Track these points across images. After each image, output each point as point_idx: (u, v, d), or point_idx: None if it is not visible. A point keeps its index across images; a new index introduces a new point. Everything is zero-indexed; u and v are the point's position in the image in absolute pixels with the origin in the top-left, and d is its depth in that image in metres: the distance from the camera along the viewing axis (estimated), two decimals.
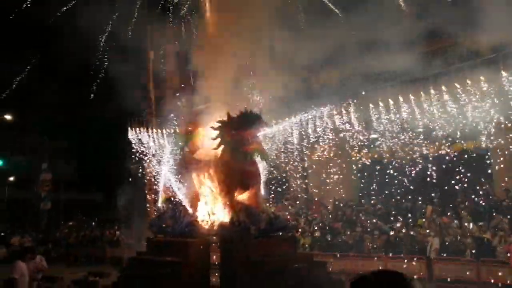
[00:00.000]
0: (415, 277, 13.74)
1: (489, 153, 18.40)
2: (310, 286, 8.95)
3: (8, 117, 36.46)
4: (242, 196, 9.74)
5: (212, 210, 9.94)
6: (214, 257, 10.59)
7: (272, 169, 16.25)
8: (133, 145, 25.78)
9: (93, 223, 31.55)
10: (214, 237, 9.87)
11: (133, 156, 25.21)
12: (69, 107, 35.71)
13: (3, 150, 41.57)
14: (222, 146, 9.68)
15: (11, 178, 43.63)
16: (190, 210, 9.97)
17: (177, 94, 11.68)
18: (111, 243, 24.13)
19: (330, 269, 11.68)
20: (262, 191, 10.24)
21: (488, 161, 18.56)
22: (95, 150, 37.72)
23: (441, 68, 18.46)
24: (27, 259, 9.66)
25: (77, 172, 45.12)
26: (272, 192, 18.81)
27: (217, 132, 9.69)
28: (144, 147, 24.99)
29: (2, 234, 29.43)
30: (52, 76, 37.63)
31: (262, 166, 10.08)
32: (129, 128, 26.00)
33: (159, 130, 22.74)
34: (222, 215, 9.67)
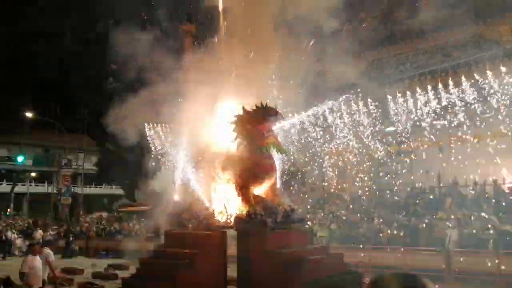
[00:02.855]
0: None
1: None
2: (326, 277, 8.96)
3: (29, 114, 37.05)
4: (259, 190, 9.76)
5: (228, 203, 9.98)
6: (231, 249, 10.63)
7: (289, 162, 16.25)
8: (150, 139, 26.00)
9: (113, 217, 31.95)
10: (231, 230, 9.91)
11: (151, 150, 25.43)
12: (89, 104, 36.16)
13: (25, 146, 42.37)
14: (238, 140, 9.70)
15: (33, 174, 44.40)
16: (207, 203, 10.04)
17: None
18: (130, 236, 24.41)
19: (347, 262, 11.64)
20: (278, 184, 10.26)
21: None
22: (114, 144, 38.13)
23: (461, 59, 18.26)
24: (35, 253, 10.01)
25: (97, 166, 45.72)
26: (289, 185, 18.83)
27: (233, 126, 9.71)
28: (162, 141, 25.18)
29: (25, 228, 29.99)
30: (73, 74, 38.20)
31: (278, 160, 10.09)
32: (145, 123, 26.20)
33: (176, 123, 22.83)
34: (239, 208, 9.71)
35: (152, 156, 24.86)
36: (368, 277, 12.33)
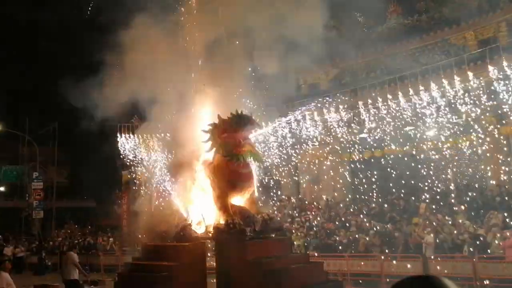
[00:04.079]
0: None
1: (480, 149, 18.45)
2: (306, 286, 8.92)
3: None
4: (236, 199, 9.67)
5: (206, 214, 9.87)
6: (210, 260, 10.53)
7: (264, 170, 16.19)
8: (122, 151, 25.63)
9: (87, 231, 31.36)
10: (210, 240, 9.80)
11: (124, 162, 25.09)
12: (58, 114, 35.59)
13: None
14: (214, 149, 9.61)
15: (1, 188, 43.28)
16: (185, 214, 9.91)
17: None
18: (105, 251, 23.96)
19: (326, 270, 11.63)
20: (256, 193, 10.20)
21: (478, 157, 18.64)
22: (86, 157, 37.59)
23: (429, 64, 18.62)
24: (6, 269, 9.84)
25: (69, 179, 44.83)
26: (265, 194, 18.75)
27: (209, 134, 9.61)
28: (134, 152, 24.84)
29: None
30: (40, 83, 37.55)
31: (255, 168, 10.03)
32: (118, 134, 25.84)
33: (149, 135, 22.58)
34: (217, 218, 9.60)
35: (125, 167, 24.55)
36: (348, 285, 12.39)
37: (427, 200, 17.72)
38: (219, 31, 11.06)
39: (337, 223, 18.50)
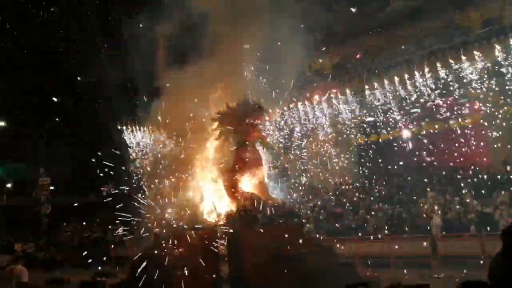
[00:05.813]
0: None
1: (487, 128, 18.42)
2: (319, 269, 8.99)
3: (1, 123, 36.19)
4: (247, 185, 9.75)
5: (217, 201, 9.94)
6: (222, 247, 10.60)
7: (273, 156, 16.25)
8: (128, 143, 25.69)
9: (95, 224, 31.43)
10: (222, 227, 9.87)
11: (130, 155, 25.12)
12: (63, 108, 35.60)
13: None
14: (223, 137, 9.66)
15: (8, 185, 43.39)
16: (196, 202, 9.98)
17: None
18: (115, 243, 24.05)
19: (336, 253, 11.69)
20: (266, 179, 10.27)
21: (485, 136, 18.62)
22: (91, 151, 37.53)
23: (435, 46, 18.58)
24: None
25: (74, 174, 44.86)
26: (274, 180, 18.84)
27: (217, 123, 9.67)
28: (140, 145, 24.89)
29: (4, 242, 29.28)
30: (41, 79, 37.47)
31: (264, 154, 10.10)
32: (124, 127, 25.91)
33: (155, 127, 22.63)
34: (228, 205, 9.67)
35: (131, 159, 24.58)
36: (358, 267, 12.45)
37: (434, 181, 17.78)
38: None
39: (346, 206, 18.56)
